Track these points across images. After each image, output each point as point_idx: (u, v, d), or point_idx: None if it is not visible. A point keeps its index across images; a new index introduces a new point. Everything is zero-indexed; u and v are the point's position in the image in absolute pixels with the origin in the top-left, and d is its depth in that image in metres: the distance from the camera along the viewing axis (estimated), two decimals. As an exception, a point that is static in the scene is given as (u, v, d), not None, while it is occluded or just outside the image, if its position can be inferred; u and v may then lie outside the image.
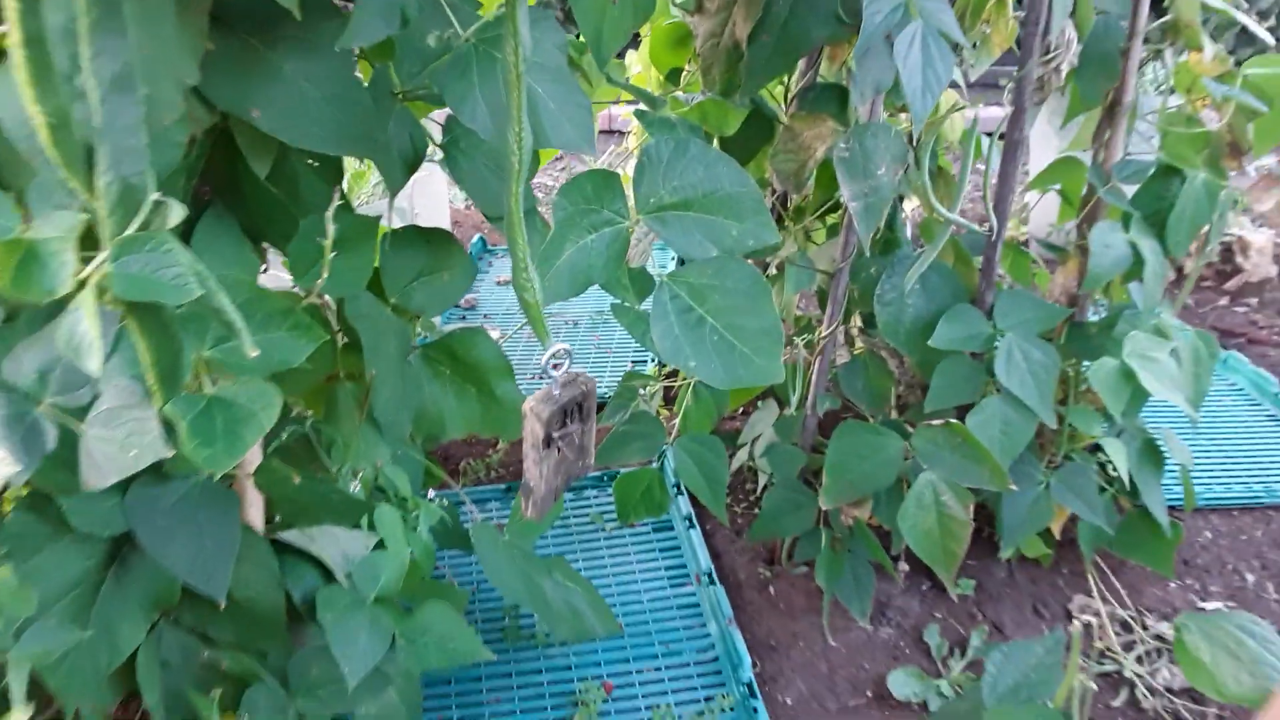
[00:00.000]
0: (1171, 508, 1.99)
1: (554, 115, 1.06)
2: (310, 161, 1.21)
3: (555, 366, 1.02)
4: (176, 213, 0.81)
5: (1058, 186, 1.86)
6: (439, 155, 1.24)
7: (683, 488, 2.03)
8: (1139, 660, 1.73)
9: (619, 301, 1.25)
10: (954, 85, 1.48)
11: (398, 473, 1.46)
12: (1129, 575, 1.92)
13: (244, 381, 0.99)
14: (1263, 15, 5.06)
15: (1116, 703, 1.65)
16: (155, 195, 0.81)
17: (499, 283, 3.21)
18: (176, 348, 0.86)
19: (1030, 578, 1.90)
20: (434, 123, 1.31)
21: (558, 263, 1.16)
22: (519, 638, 1.74)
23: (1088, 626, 1.80)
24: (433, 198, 3.23)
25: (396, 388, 1.33)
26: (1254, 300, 2.98)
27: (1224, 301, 3.00)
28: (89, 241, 0.81)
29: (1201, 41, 1.49)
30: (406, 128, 1.25)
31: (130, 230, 0.78)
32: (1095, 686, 1.68)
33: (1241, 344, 2.78)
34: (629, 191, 1.18)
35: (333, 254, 1.14)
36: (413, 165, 1.23)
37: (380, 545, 1.35)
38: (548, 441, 1.04)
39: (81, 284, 0.79)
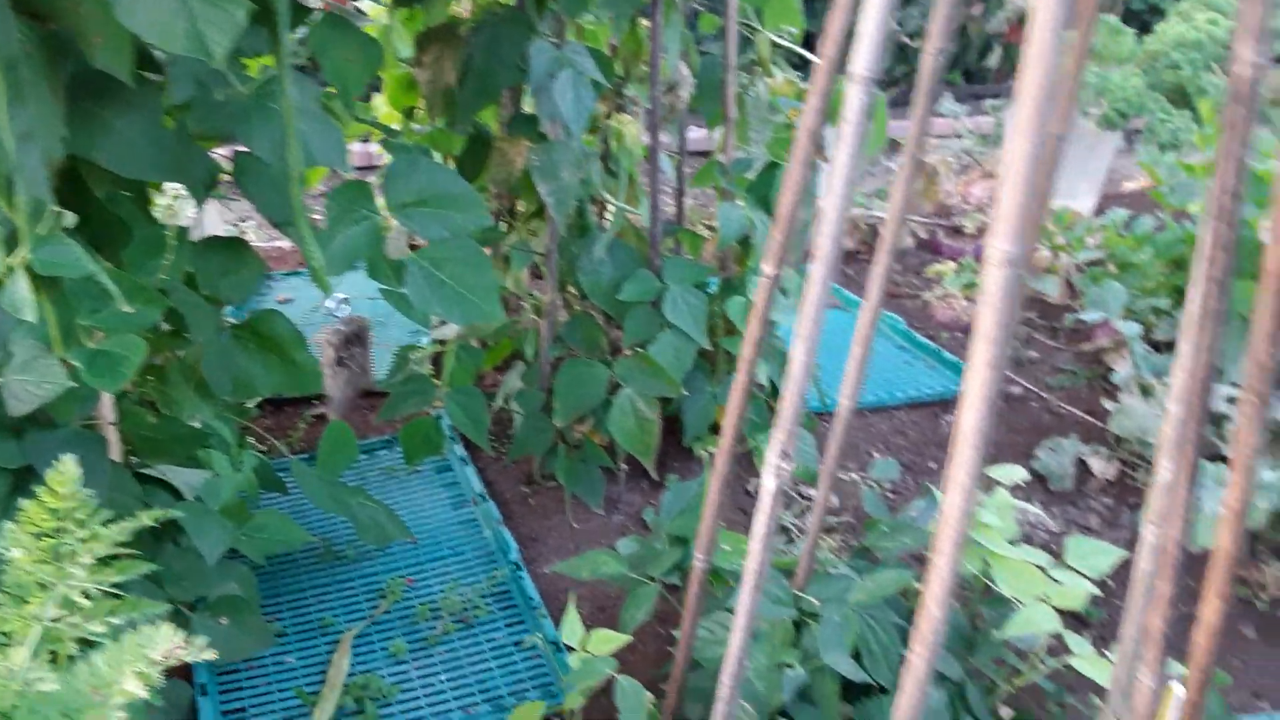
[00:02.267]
0: (818, 411, 2.71)
1: (316, 143, 1.57)
2: (126, 192, 1.65)
3: (336, 312, 1.53)
4: (69, 219, 1.28)
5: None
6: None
7: (457, 434, 2.55)
8: (797, 514, 2.41)
9: (386, 288, 1.77)
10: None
11: (221, 425, 1.90)
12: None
13: (116, 337, 1.44)
14: (912, 36, 6.14)
15: (784, 545, 2.31)
16: (54, 208, 1.29)
17: (280, 301, 3.60)
18: (70, 313, 1.33)
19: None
20: (224, 157, 1.78)
21: (331, 246, 1.67)
22: (335, 557, 2.20)
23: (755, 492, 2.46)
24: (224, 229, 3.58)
25: (215, 357, 1.79)
26: (898, 265, 3.84)
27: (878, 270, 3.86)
28: (11, 242, 1.27)
29: (772, 71, 2.19)
30: (203, 160, 1.72)
31: (41, 231, 1.25)
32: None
33: (884, 299, 3.61)
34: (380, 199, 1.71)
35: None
36: (209, 185, 1.69)
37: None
38: (339, 361, 1.55)
39: (11, 268, 1.25)
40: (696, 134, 3.35)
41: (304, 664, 1.96)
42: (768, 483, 1.07)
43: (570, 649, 1.65)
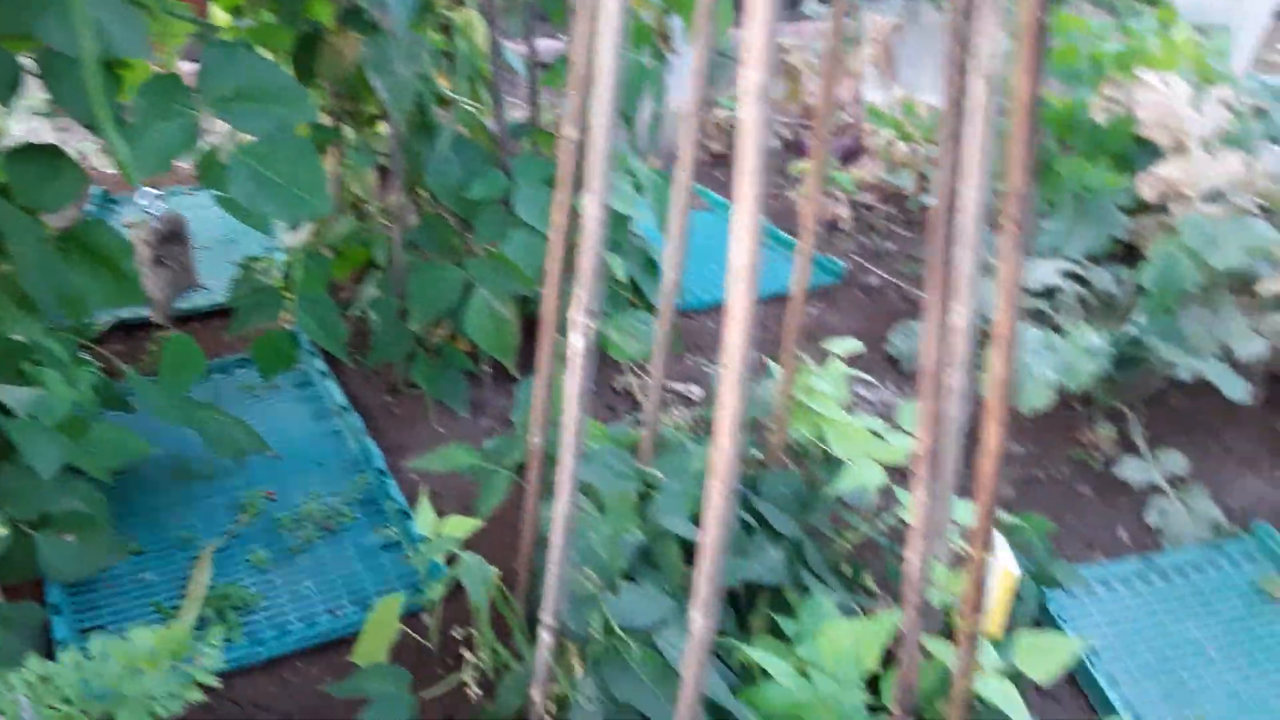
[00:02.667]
0: (683, 311, 2.75)
1: (117, 32, 1.49)
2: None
3: (150, 205, 1.47)
4: None
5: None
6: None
7: (316, 348, 2.51)
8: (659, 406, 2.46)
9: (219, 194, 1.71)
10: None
11: (52, 343, 1.83)
12: (659, 357, 2.67)
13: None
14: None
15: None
16: None
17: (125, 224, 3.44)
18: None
19: (588, 368, 2.59)
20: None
21: (142, 143, 1.61)
22: (192, 475, 2.16)
23: (626, 391, 2.51)
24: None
25: (37, 269, 1.72)
26: (766, 165, 3.90)
27: (745, 169, 3.90)
28: None
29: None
30: (5, 59, 1.62)
31: None
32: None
33: (754, 197, 3.67)
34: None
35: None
36: (13, 86, 1.60)
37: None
38: (158, 261, 1.50)
39: None
40: (556, 44, 3.31)
41: (163, 580, 1.94)
42: (575, 342, 1.09)
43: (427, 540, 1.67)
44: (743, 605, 1.69)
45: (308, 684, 1.78)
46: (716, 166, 3.99)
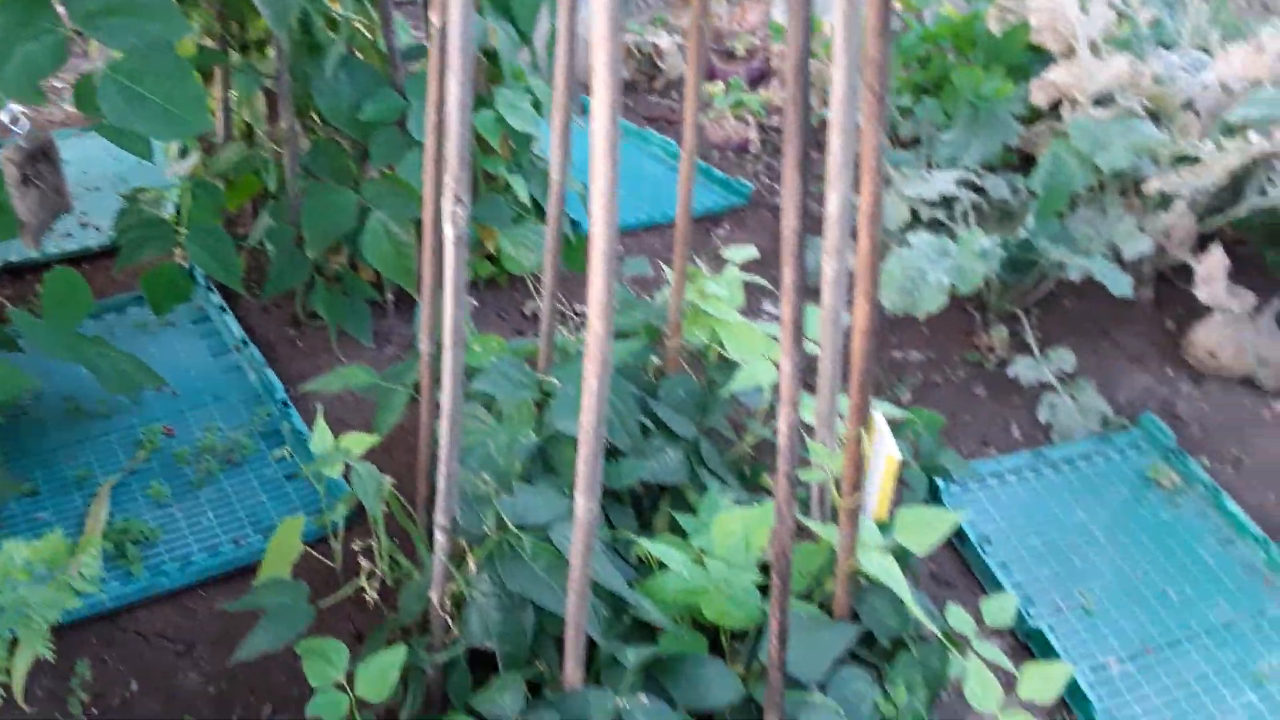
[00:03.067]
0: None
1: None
2: None
3: (14, 123, 1.41)
4: None
5: None
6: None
7: (212, 282, 2.44)
8: (570, 330, 2.46)
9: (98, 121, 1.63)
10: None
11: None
12: (568, 282, 2.65)
13: None
14: None
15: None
16: None
17: None
18: None
19: (494, 295, 2.57)
20: None
21: (7, 65, 1.53)
22: (85, 413, 2.11)
23: (535, 315, 2.50)
24: None
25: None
26: (674, 94, 3.88)
27: (654, 98, 3.87)
28: None
29: None
30: None
31: None
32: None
33: (662, 125, 3.65)
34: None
35: None
36: None
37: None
38: (25, 180, 1.44)
39: None
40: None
41: (60, 519, 1.90)
42: (447, 231, 1.08)
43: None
44: (646, 508, 1.72)
45: (213, 612, 1.77)
46: (629, 93, 3.94)
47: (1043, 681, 1.34)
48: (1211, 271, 2.37)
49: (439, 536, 1.29)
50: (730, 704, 1.30)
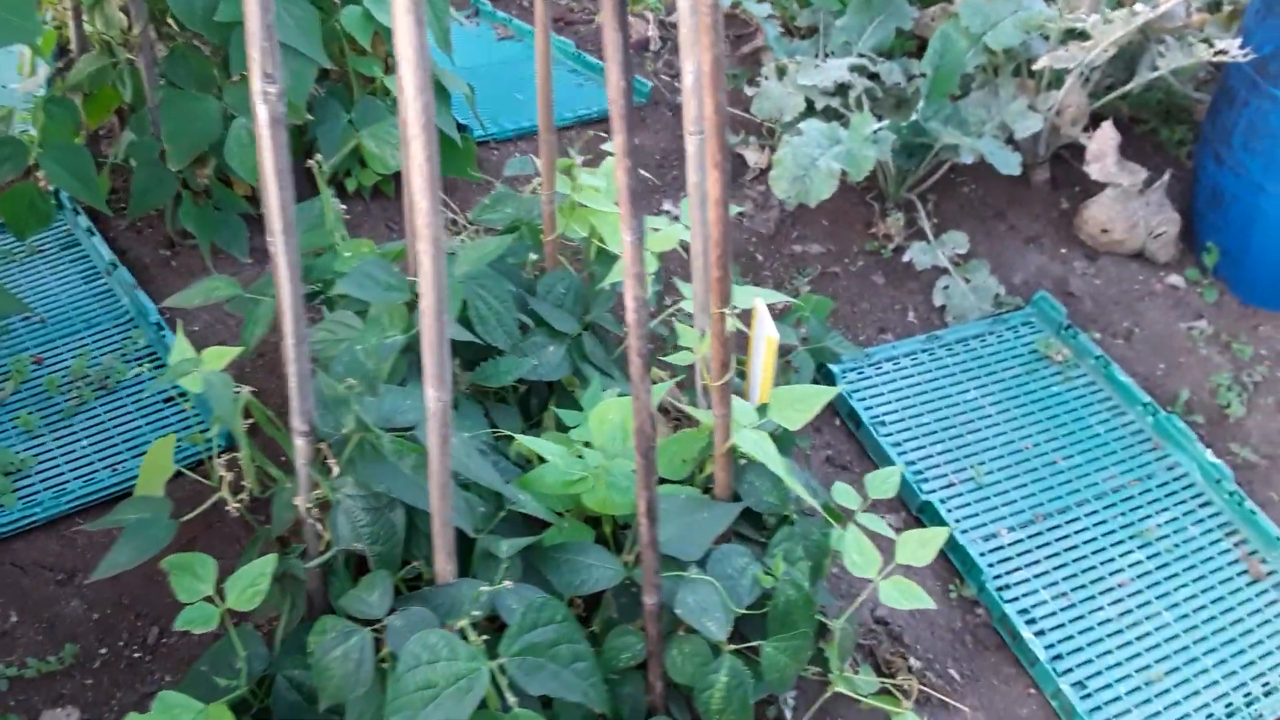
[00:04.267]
0: (486, 139, 2.66)
1: None
2: None
3: None
4: None
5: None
6: None
7: (79, 206, 2.32)
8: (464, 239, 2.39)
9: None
10: None
11: None
12: (459, 190, 2.58)
13: None
14: None
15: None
16: None
17: None
18: None
19: (382, 206, 2.48)
20: None
21: None
22: (-57, 348, 2.00)
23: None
24: None
25: None
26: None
27: (552, -3, 3.73)
28: None
29: None
30: None
31: None
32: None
33: (561, 26, 3.52)
34: None
35: None
36: None
37: None
38: None
39: None
40: None
41: (-78, 457, 1.81)
42: (260, 113, 1.01)
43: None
44: (535, 409, 1.69)
45: (92, 539, 1.71)
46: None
47: (919, 546, 1.35)
48: (1102, 147, 2.38)
49: (298, 441, 1.25)
50: (611, 587, 1.30)
